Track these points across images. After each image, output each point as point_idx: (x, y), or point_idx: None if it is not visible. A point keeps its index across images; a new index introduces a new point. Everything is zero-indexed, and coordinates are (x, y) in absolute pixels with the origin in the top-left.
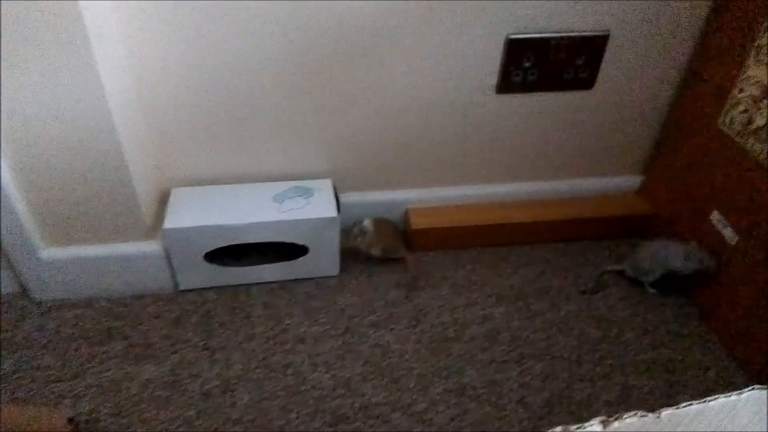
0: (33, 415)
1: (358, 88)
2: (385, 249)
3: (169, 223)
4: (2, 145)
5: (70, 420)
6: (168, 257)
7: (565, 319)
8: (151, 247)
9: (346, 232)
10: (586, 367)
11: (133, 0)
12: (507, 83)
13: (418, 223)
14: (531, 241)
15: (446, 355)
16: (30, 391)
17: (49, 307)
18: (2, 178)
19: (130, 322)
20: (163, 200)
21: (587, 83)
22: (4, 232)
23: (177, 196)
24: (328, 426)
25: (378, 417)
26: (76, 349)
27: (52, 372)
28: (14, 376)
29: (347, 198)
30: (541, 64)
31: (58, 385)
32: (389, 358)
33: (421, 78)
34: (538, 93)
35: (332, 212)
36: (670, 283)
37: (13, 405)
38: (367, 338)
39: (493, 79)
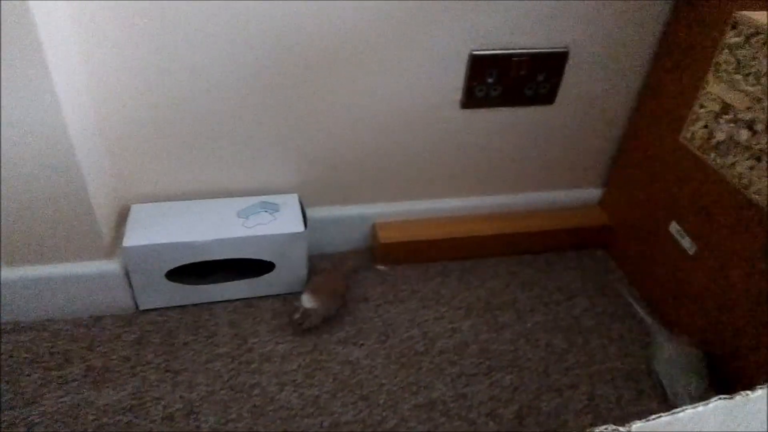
0: None
1: (324, 103)
2: (337, 300)
3: (129, 240)
4: None
5: None
6: (128, 276)
7: (532, 330)
8: (110, 266)
9: (290, 315)
10: (554, 377)
11: (89, 8)
12: (471, 98)
13: (385, 237)
14: (497, 253)
15: (416, 370)
16: None
17: (2, 330)
18: None
19: (89, 344)
20: (122, 217)
21: (548, 98)
22: None
23: (137, 212)
24: None
25: None
26: (29, 374)
27: (4, 399)
28: None
29: (314, 213)
30: (503, 80)
31: (11, 412)
32: (358, 374)
33: (386, 93)
34: (501, 108)
35: (299, 227)
36: None
37: None
38: (336, 355)
39: (458, 95)
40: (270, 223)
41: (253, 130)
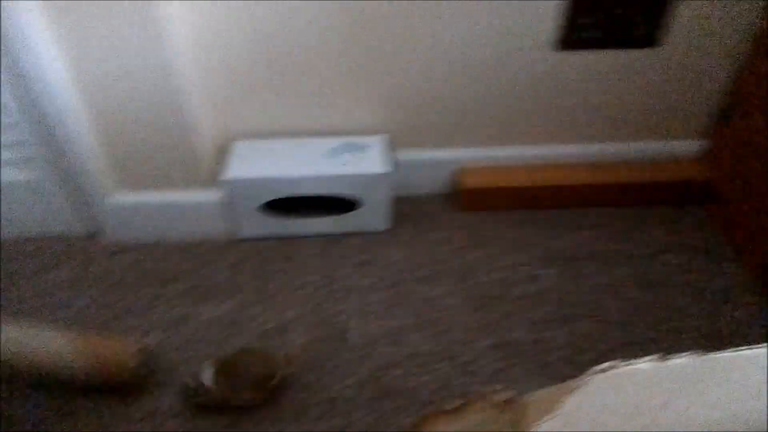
0: (107, 343)
1: (413, 43)
2: (254, 390)
3: (229, 173)
4: (85, 97)
5: (140, 350)
6: (227, 206)
7: (616, 283)
8: (212, 196)
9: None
10: (635, 331)
11: None
12: (567, 39)
13: (470, 182)
14: (585, 204)
15: (493, 312)
16: (101, 325)
17: (119, 248)
18: (82, 125)
19: (192, 265)
20: (222, 151)
21: (653, 40)
22: (82, 176)
23: (236, 148)
24: (377, 370)
25: (425, 365)
26: (142, 288)
27: (120, 308)
28: (87, 311)
29: (400, 155)
30: (604, 20)
31: (127, 320)
32: (437, 311)
33: (477, 33)
34: (600, 50)
35: (384, 168)
36: None
37: (90, 333)
38: (416, 292)
39: (552, 35)
40: (357, 162)
41: (343, 71)
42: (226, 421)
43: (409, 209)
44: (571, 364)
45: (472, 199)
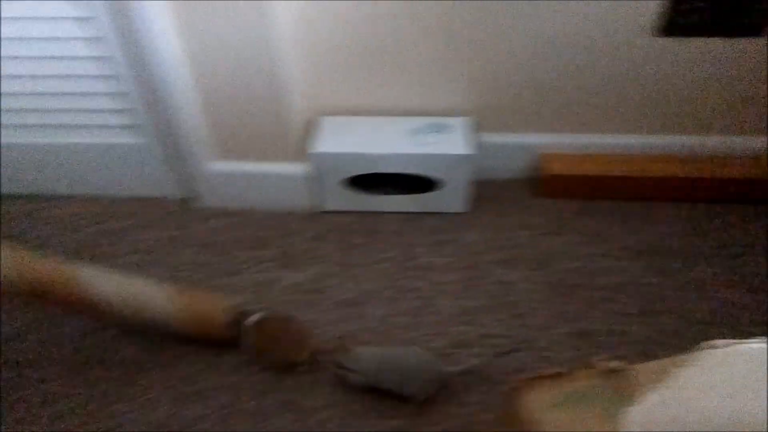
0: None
1: (503, 26)
2: (283, 353)
3: (317, 147)
4: (192, 70)
5: (231, 308)
6: (313, 179)
7: (703, 281)
8: (300, 168)
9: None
10: (721, 329)
11: None
12: (670, 25)
13: (553, 168)
14: (670, 198)
15: (571, 300)
16: (193, 283)
17: (214, 213)
18: (187, 97)
19: (279, 233)
20: (311, 126)
21: (761, 30)
22: (184, 144)
23: (323, 123)
24: (449, 348)
25: (498, 347)
26: (232, 252)
27: (212, 268)
28: (181, 269)
29: (483, 138)
30: (713, 5)
31: (217, 279)
32: (512, 295)
33: (572, 16)
34: (702, 38)
35: (467, 150)
36: None
37: (186, 289)
38: (492, 274)
39: (652, 21)
40: (439, 143)
41: (432, 54)
42: (305, 380)
43: (489, 192)
44: (649, 358)
45: (554, 186)
